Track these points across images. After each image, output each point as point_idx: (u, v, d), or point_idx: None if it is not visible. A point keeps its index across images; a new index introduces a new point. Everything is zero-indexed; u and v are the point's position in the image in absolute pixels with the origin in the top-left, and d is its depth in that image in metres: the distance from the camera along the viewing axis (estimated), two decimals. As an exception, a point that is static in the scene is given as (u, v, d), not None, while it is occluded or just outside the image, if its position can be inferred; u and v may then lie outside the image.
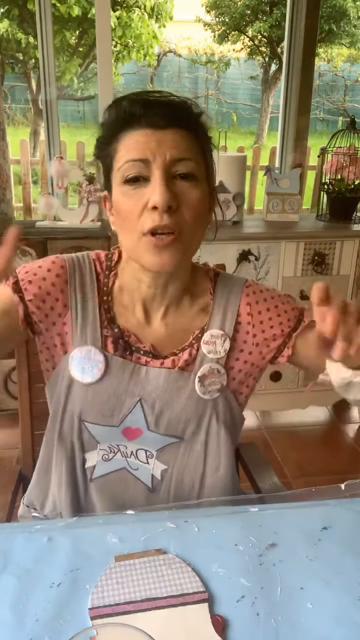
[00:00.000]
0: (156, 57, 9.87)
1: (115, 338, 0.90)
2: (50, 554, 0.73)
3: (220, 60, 11.90)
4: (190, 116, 0.84)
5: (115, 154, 0.82)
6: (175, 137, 0.80)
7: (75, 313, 0.90)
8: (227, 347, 0.93)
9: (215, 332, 0.93)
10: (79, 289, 0.91)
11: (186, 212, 0.81)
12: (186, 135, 0.81)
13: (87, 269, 0.93)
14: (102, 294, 0.92)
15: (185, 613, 0.65)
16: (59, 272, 0.90)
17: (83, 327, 0.90)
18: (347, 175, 2.32)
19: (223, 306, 0.94)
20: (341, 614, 0.66)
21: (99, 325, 0.90)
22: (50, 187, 2.43)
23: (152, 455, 0.92)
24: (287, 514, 0.82)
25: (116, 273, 0.94)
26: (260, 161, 5.74)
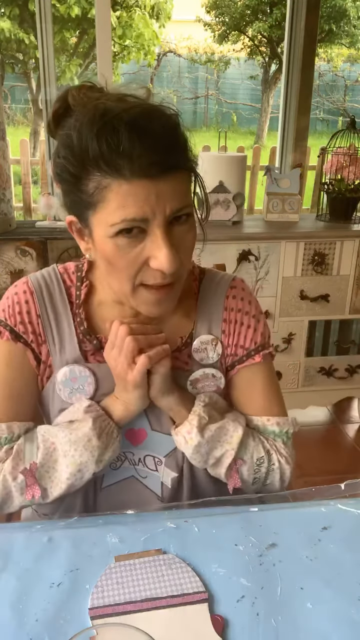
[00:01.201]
0: (156, 57, 9.87)
1: (96, 349, 0.87)
2: (50, 554, 0.73)
3: (220, 60, 11.90)
4: (183, 147, 0.75)
5: (101, 202, 0.71)
6: (174, 184, 0.71)
7: (52, 335, 0.87)
8: (220, 350, 0.90)
9: (205, 337, 0.90)
10: (49, 308, 0.87)
11: (184, 257, 0.77)
12: (182, 175, 0.74)
13: (55, 285, 0.88)
14: (75, 307, 0.88)
15: (185, 613, 0.65)
16: (28, 299, 0.86)
17: (62, 348, 0.87)
18: (347, 175, 2.32)
19: (208, 308, 0.91)
20: (341, 614, 0.66)
21: (76, 342, 0.87)
22: (50, 187, 2.43)
23: (160, 462, 0.90)
24: (287, 514, 0.82)
25: (89, 283, 0.89)
26: (260, 161, 5.75)
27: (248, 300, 0.92)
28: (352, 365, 2.42)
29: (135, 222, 0.71)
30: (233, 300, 0.91)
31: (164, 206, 0.71)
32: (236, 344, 0.91)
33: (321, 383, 2.42)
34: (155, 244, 0.72)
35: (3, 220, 2.12)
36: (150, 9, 7.96)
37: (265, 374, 0.93)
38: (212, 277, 0.93)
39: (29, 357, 0.87)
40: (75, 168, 0.72)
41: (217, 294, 0.91)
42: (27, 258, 2.09)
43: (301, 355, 2.37)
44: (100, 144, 0.68)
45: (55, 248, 2.10)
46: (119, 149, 0.68)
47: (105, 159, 0.69)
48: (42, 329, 0.86)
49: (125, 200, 0.70)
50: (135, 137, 0.68)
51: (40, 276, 0.89)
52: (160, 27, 8.44)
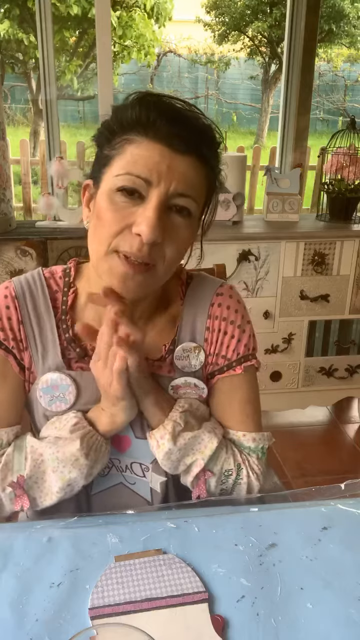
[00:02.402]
0: (156, 57, 9.87)
1: (79, 357, 0.85)
2: (50, 554, 0.73)
3: (220, 60, 11.90)
4: (212, 146, 0.78)
5: (119, 154, 0.74)
6: (188, 167, 0.73)
7: (34, 342, 0.85)
8: (202, 358, 0.88)
9: (187, 345, 0.87)
10: (32, 314, 0.85)
11: (169, 248, 0.75)
12: (200, 167, 0.75)
13: (39, 289, 0.87)
14: (60, 313, 0.86)
15: (185, 613, 0.65)
16: (9, 304, 0.85)
17: (44, 354, 0.85)
18: (347, 175, 2.32)
19: (193, 315, 0.88)
20: (341, 614, 0.66)
21: (59, 347, 0.85)
22: (50, 187, 2.43)
23: (147, 469, 0.89)
24: (287, 514, 0.82)
25: (76, 290, 0.87)
26: (260, 161, 5.75)
27: (234, 309, 0.89)
28: (352, 365, 2.42)
29: (138, 181, 0.72)
30: (218, 308, 0.88)
31: (170, 180, 0.72)
32: (218, 353, 0.89)
33: (321, 383, 2.42)
34: (146, 210, 0.72)
35: (3, 220, 2.12)
36: (150, 9, 7.96)
37: (245, 387, 0.90)
38: (199, 282, 0.91)
39: (11, 363, 0.85)
40: (115, 124, 0.76)
41: (203, 300, 0.89)
42: (27, 258, 2.09)
43: (301, 355, 2.37)
44: (141, 108, 0.73)
45: (55, 248, 2.10)
46: (156, 114, 0.73)
47: (140, 119, 0.73)
48: (24, 335, 0.85)
49: (139, 156, 0.72)
50: (170, 112, 0.74)
51: (24, 280, 0.87)
52: (160, 27, 8.44)
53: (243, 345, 0.89)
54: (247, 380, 0.90)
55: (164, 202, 0.73)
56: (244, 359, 0.89)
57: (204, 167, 0.76)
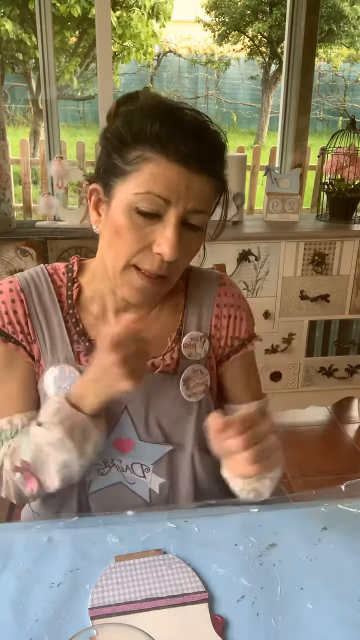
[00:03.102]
0: (156, 57, 9.87)
1: (88, 351, 0.87)
2: (50, 554, 0.73)
3: (220, 60, 11.89)
4: (222, 158, 0.81)
5: (137, 171, 0.76)
6: (203, 185, 0.77)
7: (42, 335, 0.87)
8: (207, 347, 0.92)
9: (195, 334, 0.92)
10: (39, 308, 0.87)
11: (182, 260, 0.81)
12: (212, 182, 0.78)
13: (44, 284, 0.89)
14: (67, 307, 0.88)
15: (185, 613, 0.65)
16: (15, 298, 0.86)
17: (53, 347, 0.87)
18: (347, 175, 2.32)
19: (198, 305, 0.93)
20: (341, 614, 0.66)
21: (68, 341, 0.87)
22: (50, 187, 2.43)
23: (148, 469, 0.90)
24: (287, 514, 0.82)
25: (79, 285, 0.90)
26: (260, 161, 5.74)
27: (238, 295, 0.96)
28: (352, 365, 2.42)
29: (158, 201, 0.75)
30: (225, 297, 0.94)
31: (187, 199, 0.76)
32: (231, 336, 0.94)
33: (321, 383, 2.42)
34: (166, 229, 0.76)
35: (3, 220, 2.12)
36: (150, 9, 7.96)
37: (254, 361, 1.00)
38: (199, 274, 0.96)
39: (22, 354, 0.87)
40: (128, 135, 0.76)
41: (208, 291, 0.94)
42: (27, 258, 2.09)
43: (301, 355, 2.36)
44: (163, 124, 0.74)
45: (55, 248, 2.10)
46: (174, 133, 0.74)
47: (159, 137, 0.74)
48: (31, 328, 0.86)
49: (158, 176, 0.74)
50: (190, 131, 0.75)
51: (28, 275, 0.89)
52: (160, 27, 8.43)
53: (250, 324, 0.97)
54: (254, 355, 0.99)
55: (181, 220, 0.77)
56: (252, 336, 0.97)
57: (216, 182, 0.80)
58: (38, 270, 0.90)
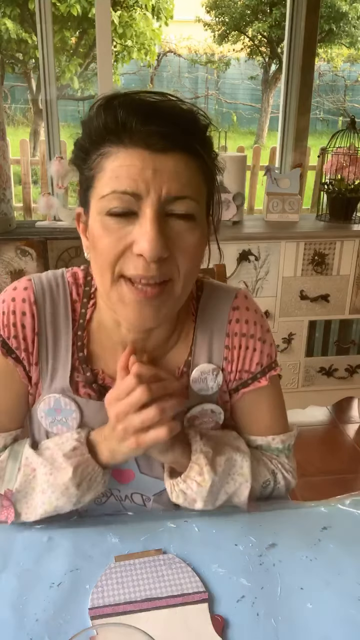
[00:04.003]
0: (156, 57, 9.87)
1: (87, 382, 0.79)
2: (50, 554, 0.73)
3: (220, 60, 11.89)
4: (198, 133, 0.68)
5: (99, 172, 0.67)
6: (176, 165, 0.65)
7: (46, 357, 0.78)
8: (220, 380, 0.82)
9: (205, 367, 0.81)
10: (50, 326, 0.78)
11: (180, 259, 0.67)
12: (190, 162, 0.66)
13: (61, 296, 0.79)
14: (77, 327, 0.79)
15: (185, 613, 0.65)
16: (27, 311, 0.77)
17: (53, 373, 0.79)
18: (347, 175, 2.32)
19: (208, 334, 0.82)
20: (341, 614, 0.66)
21: (69, 368, 0.78)
22: (50, 187, 2.43)
23: (149, 499, 0.85)
24: (287, 514, 0.82)
25: (95, 302, 0.80)
26: (260, 161, 5.74)
27: (253, 321, 0.83)
28: (352, 365, 2.42)
29: (126, 198, 0.64)
30: (237, 324, 0.82)
31: (160, 185, 0.64)
32: (241, 369, 0.83)
33: (321, 383, 2.42)
34: (142, 226, 0.64)
35: (3, 220, 2.12)
36: (151, 8, 7.97)
37: (271, 396, 0.87)
38: (211, 296, 0.84)
39: (19, 373, 0.80)
40: (86, 140, 0.68)
41: (219, 318, 0.82)
42: (27, 258, 2.09)
43: (301, 355, 2.37)
44: (107, 114, 0.65)
45: (55, 248, 2.10)
46: (124, 119, 0.64)
47: (108, 128, 0.65)
48: (36, 349, 0.78)
49: (119, 169, 0.64)
50: (141, 109, 0.65)
51: (47, 283, 0.79)
52: (160, 26, 8.44)
53: (265, 355, 0.84)
54: (272, 389, 0.86)
55: (160, 211, 0.65)
56: (268, 368, 0.84)
57: (196, 160, 0.67)
58: (58, 276, 0.80)
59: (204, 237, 0.71)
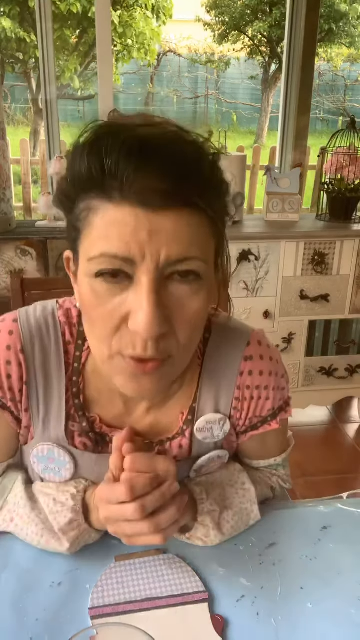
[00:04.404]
0: (156, 57, 9.87)
1: (83, 432, 0.72)
2: (50, 554, 0.73)
3: (220, 60, 11.89)
4: (202, 178, 0.56)
5: (86, 227, 0.57)
6: (177, 224, 0.54)
7: (36, 405, 0.72)
8: (227, 429, 0.76)
9: (212, 417, 0.75)
10: (40, 373, 0.70)
11: (181, 331, 0.59)
12: (193, 218, 0.56)
13: (52, 339, 0.71)
14: (71, 372, 0.72)
15: (185, 613, 0.65)
16: (12, 359, 0.69)
17: (46, 421, 0.72)
18: (347, 175, 2.32)
19: (216, 383, 0.75)
20: (341, 614, 0.66)
21: (64, 417, 0.72)
22: (50, 187, 2.43)
23: None
24: (287, 514, 0.82)
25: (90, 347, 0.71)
26: (260, 161, 5.74)
27: (268, 372, 0.76)
28: (352, 365, 2.42)
29: (117, 262, 0.55)
30: (249, 377, 0.75)
31: (158, 248, 0.54)
32: (251, 416, 0.77)
33: (321, 383, 2.42)
34: (138, 295, 0.55)
35: (3, 220, 2.12)
36: (151, 8, 7.97)
37: (279, 434, 0.82)
38: (220, 340, 0.75)
39: (7, 420, 0.73)
40: (69, 189, 0.58)
41: (228, 367, 0.75)
42: (27, 258, 2.10)
43: (301, 355, 2.36)
44: (91, 160, 0.54)
45: (55, 248, 2.10)
46: (113, 169, 0.53)
47: (93, 178, 0.55)
48: (25, 397, 0.71)
49: (109, 229, 0.54)
50: (134, 156, 0.53)
51: (36, 325, 0.71)
52: (160, 25, 8.43)
53: (277, 400, 0.78)
54: (281, 429, 0.80)
55: (158, 277, 0.55)
56: (279, 410, 0.78)
57: (200, 214, 0.56)
58: (48, 315, 0.72)
59: (208, 299, 0.61)
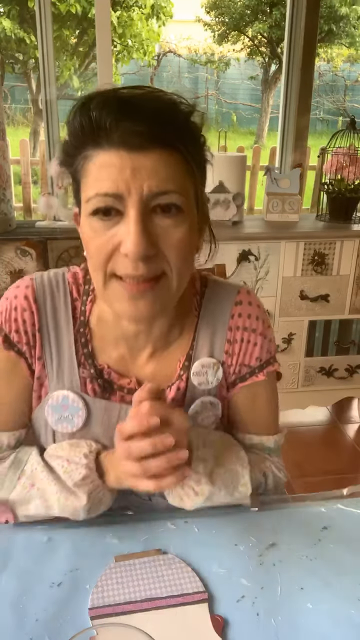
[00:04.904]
0: (156, 57, 9.87)
1: (93, 378, 0.80)
2: (50, 554, 0.73)
3: (220, 60, 11.89)
4: (176, 126, 0.67)
5: (83, 176, 0.68)
6: (155, 162, 0.65)
7: (50, 353, 0.80)
8: (220, 375, 0.84)
9: (206, 360, 0.83)
10: (51, 323, 0.80)
11: (169, 254, 0.68)
12: (170, 157, 0.66)
13: (62, 296, 0.81)
14: (79, 325, 0.81)
15: (185, 613, 0.65)
16: (26, 308, 0.79)
17: (59, 369, 0.80)
18: (347, 175, 2.32)
19: (211, 328, 0.83)
20: (341, 614, 0.66)
21: (75, 364, 0.80)
22: (50, 187, 2.43)
23: (153, 494, 0.85)
24: (287, 514, 0.82)
25: (94, 298, 0.82)
26: (260, 161, 5.75)
27: (255, 316, 0.84)
28: (352, 365, 2.42)
29: (109, 199, 0.65)
30: (239, 318, 0.84)
31: (141, 183, 0.65)
32: (241, 363, 0.85)
33: (321, 383, 2.42)
34: (127, 225, 0.66)
35: (3, 220, 2.12)
36: (150, 8, 7.96)
37: (267, 392, 0.88)
38: (215, 291, 0.85)
39: (22, 366, 0.81)
40: (68, 146, 0.69)
41: (222, 311, 0.84)
42: (27, 258, 2.09)
43: (301, 355, 2.37)
44: (82, 116, 0.66)
45: (55, 248, 2.10)
46: (99, 120, 0.65)
47: (84, 130, 0.66)
48: (39, 344, 0.80)
49: (100, 172, 0.66)
50: (114, 108, 0.64)
51: (47, 283, 0.81)
52: (160, 26, 8.43)
53: (265, 350, 0.85)
54: (268, 385, 0.87)
55: (143, 209, 0.66)
56: (266, 364, 0.86)
57: (177, 154, 0.67)
58: (59, 276, 0.82)
59: (192, 228, 0.71)
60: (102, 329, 0.81)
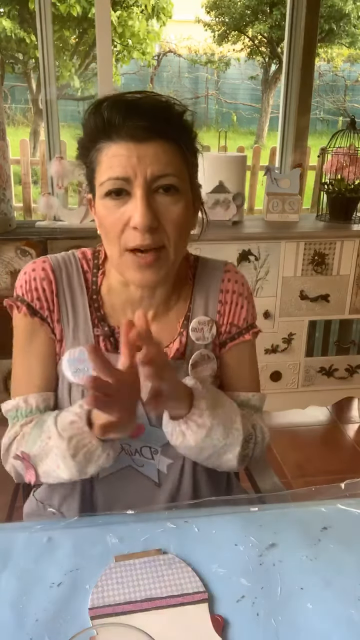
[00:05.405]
0: (156, 57, 9.86)
1: (106, 336, 0.91)
2: (50, 554, 0.73)
3: (220, 60, 11.89)
4: (172, 123, 0.82)
5: (97, 165, 0.82)
6: (156, 151, 0.79)
7: (66, 316, 0.92)
8: (214, 332, 0.96)
9: (202, 318, 0.95)
10: (67, 290, 0.92)
11: (169, 227, 0.82)
12: (168, 147, 0.80)
13: (74, 268, 0.94)
14: (91, 292, 0.93)
15: (185, 613, 0.65)
16: (45, 277, 0.91)
17: (75, 328, 0.91)
18: (347, 175, 2.32)
19: (205, 292, 0.97)
20: (341, 614, 0.66)
21: (90, 324, 0.91)
22: (50, 187, 2.43)
23: (156, 452, 0.93)
24: (287, 514, 0.82)
25: (104, 271, 0.94)
26: (260, 161, 5.75)
27: (241, 282, 0.99)
28: (352, 365, 2.42)
29: (119, 182, 0.79)
30: (229, 283, 0.97)
31: (145, 168, 0.78)
32: (231, 322, 0.97)
33: (321, 383, 2.42)
34: (134, 203, 0.79)
35: (3, 220, 2.12)
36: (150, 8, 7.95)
37: (252, 351, 1.01)
38: (205, 263, 1.00)
39: (46, 330, 0.91)
40: (85, 141, 0.84)
41: (214, 278, 0.98)
42: (27, 258, 2.09)
43: (301, 355, 2.37)
44: (96, 116, 0.80)
45: (55, 248, 2.10)
46: (110, 118, 0.79)
47: (98, 127, 0.80)
48: (57, 307, 0.91)
49: (111, 160, 0.79)
50: (123, 108, 0.79)
51: (60, 258, 0.94)
52: (161, 26, 8.42)
53: (250, 313, 0.99)
54: (252, 345, 1.01)
55: (147, 189, 0.79)
56: (251, 326, 0.99)
57: (174, 144, 0.81)
58: (70, 254, 0.96)
59: (187, 206, 0.84)
60: (112, 298, 0.93)
